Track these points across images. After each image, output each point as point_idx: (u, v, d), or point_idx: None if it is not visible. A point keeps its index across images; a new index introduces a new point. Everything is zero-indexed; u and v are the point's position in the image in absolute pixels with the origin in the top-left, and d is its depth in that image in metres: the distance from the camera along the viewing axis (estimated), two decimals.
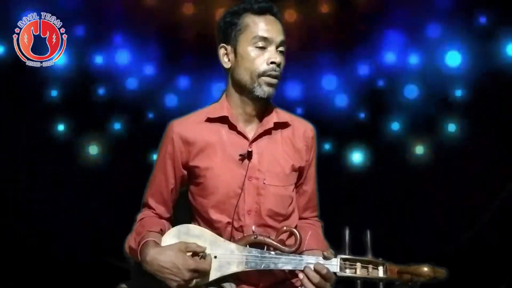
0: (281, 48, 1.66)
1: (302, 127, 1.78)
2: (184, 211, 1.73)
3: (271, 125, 1.70)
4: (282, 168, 1.68)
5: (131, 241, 1.62)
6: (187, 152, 1.67)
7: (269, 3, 1.69)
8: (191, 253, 1.51)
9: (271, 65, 1.62)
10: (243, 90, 1.66)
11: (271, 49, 1.64)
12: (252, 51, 1.63)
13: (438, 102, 3.98)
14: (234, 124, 1.67)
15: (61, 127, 4.04)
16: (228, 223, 1.63)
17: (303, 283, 1.47)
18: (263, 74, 1.62)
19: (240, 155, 1.64)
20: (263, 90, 1.62)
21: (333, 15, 4.16)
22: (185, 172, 1.70)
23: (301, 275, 1.48)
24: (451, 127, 4.00)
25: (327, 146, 4.10)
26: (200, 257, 1.51)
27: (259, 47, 1.63)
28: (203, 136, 1.66)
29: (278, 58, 1.63)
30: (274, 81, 1.64)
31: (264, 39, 1.63)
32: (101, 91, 4.12)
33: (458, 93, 3.96)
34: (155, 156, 1.82)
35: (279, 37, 1.65)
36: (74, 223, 3.78)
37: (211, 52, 1.78)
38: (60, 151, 3.98)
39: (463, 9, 3.80)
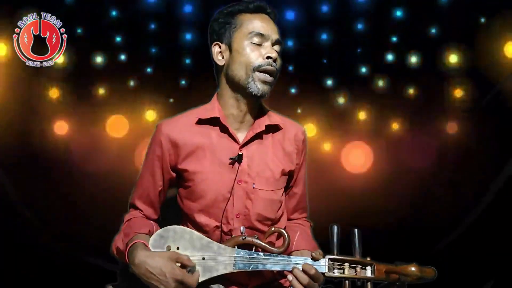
0: (276, 47, 1.65)
1: (293, 130, 1.75)
2: (173, 213, 1.72)
3: (263, 128, 1.67)
4: (272, 173, 1.66)
5: (118, 242, 1.60)
6: (176, 154, 1.64)
7: (263, 2, 1.69)
8: (180, 264, 1.49)
9: (267, 60, 1.60)
10: (237, 86, 1.63)
11: (267, 44, 1.63)
12: (248, 46, 1.61)
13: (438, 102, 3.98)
14: (226, 126, 1.64)
15: (61, 127, 4.07)
16: (217, 227, 1.62)
17: (293, 285, 1.46)
18: (258, 68, 1.59)
19: (231, 158, 1.62)
20: (257, 87, 1.59)
21: None
22: (173, 174, 1.68)
23: (290, 277, 1.46)
24: (451, 127, 4.00)
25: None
26: (188, 270, 1.48)
27: (255, 43, 1.61)
28: (192, 138, 1.64)
29: (274, 53, 1.61)
30: (269, 78, 1.61)
31: (260, 35, 1.62)
32: (101, 90, 4.15)
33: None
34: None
35: (274, 35, 1.64)
36: (71, 223, 3.80)
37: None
38: (59, 151, 4.00)
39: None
